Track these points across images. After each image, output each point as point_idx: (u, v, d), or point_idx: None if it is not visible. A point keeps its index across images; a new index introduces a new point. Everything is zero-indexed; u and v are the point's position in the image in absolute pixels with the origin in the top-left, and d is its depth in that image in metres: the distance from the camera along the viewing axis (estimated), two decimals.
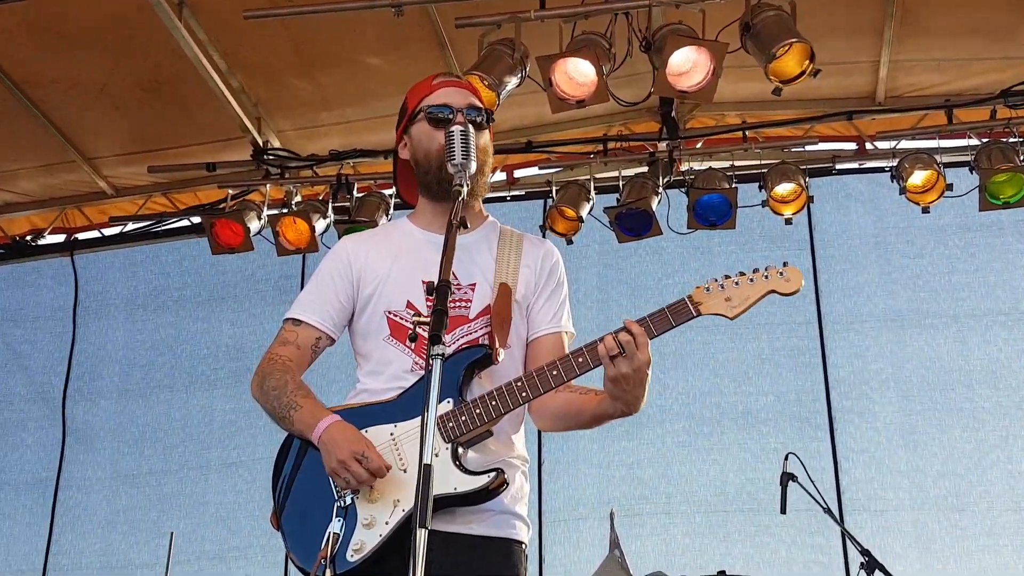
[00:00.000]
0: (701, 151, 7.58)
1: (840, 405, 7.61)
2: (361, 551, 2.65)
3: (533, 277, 2.97)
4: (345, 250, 3.03)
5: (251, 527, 8.11)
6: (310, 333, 2.97)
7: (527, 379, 2.74)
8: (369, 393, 2.88)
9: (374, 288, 2.93)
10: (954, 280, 7.71)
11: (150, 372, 8.60)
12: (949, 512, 7.34)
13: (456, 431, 2.71)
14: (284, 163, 7.70)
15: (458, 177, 2.67)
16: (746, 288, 2.82)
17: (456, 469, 2.69)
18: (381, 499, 2.69)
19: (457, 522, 2.72)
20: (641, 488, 7.72)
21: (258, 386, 2.93)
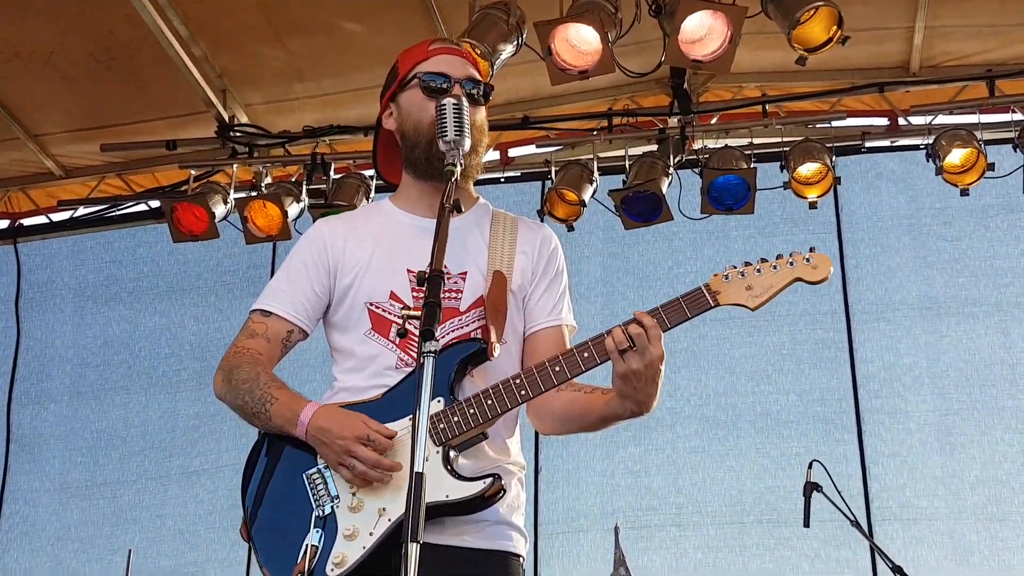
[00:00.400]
0: (716, 127, 7.56)
1: (869, 405, 7.60)
2: (342, 565, 2.62)
3: (530, 265, 2.96)
4: (320, 235, 3.01)
5: (211, 540, 8.12)
6: (280, 326, 2.95)
7: (526, 376, 2.72)
8: (349, 392, 2.85)
9: (353, 277, 2.91)
10: (996, 265, 7.68)
11: (105, 372, 8.57)
12: (989, 522, 7.32)
13: (448, 433, 2.69)
14: (252, 141, 7.67)
15: (451, 156, 2.66)
16: (769, 276, 2.79)
17: (448, 475, 2.67)
18: (364, 508, 2.66)
19: (448, 533, 2.70)
20: (649, 498, 7.72)
21: (224, 380, 2.90)
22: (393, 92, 3.01)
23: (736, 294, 2.77)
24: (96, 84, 7.32)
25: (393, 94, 3.01)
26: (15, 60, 7.09)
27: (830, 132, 7.47)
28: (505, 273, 2.89)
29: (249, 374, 2.86)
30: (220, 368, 2.92)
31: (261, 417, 2.81)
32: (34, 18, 6.74)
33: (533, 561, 7.49)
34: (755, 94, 7.58)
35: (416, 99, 2.93)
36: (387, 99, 3.02)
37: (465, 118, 2.67)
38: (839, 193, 7.76)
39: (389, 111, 3.01)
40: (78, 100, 7.52)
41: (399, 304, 2.82)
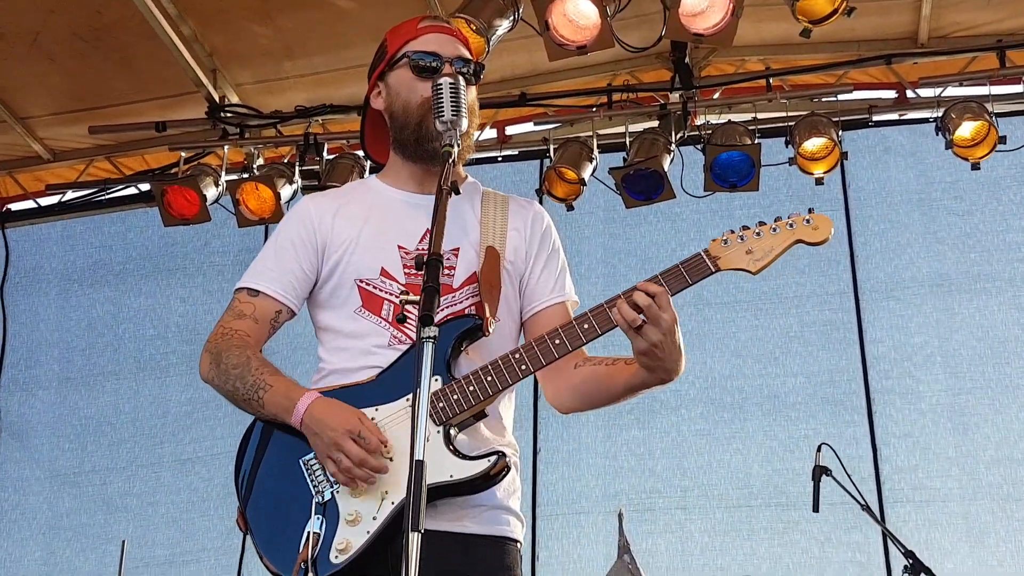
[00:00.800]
0: (719, 102, 7.48)
1: (879, 385, 7.51)
2: (347, 551, 2.59)
3: (524, 243, 2.95)
4: (307, 211, 2.97)
5: (206, 529, 8.10)
6: (269, 305, 2.90)
7: (526, 350, 2.71)
8: (340, 374, 2.82)
9: (342, 254, 2.87)
10: (1009, 239, 7.60)
11: (91, 357, 8.52)
12: (1004, 502, 7.24)
13: (447, 412, 2.66)
14: (244, 121, 7.61)
15: (447, 136, 2.65)
16: (769, 239, 2.78)
17: (451, 454, 2.65)
18: (366, 492, 2.63)
19: (447, 518, 2.68)
20: (653, 480, 7.66)
21: (212, 364, 2.85)
22: (381, 71, 2.98)
23: (737, 259, 2.76)
24: (83, 65, 7.26)
25: (381, 73, 2.98)
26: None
27: (836, 106, 7.39)
28: (498, 248, 2.87)
29: (239, 359, 2.81)
30: (207, 350, 2.88)
31: (253, 404, 2.77)
32: None
33: (531, 543, 7.46)
34: (759, 67, 7.51)
35: (405, 79, 2.90)
36: (375, 78, 3.00)
37: (462, 98, 2.65)
38: (846, 169, 7.68)
39: (377, 90, 2.99)
40: (65, 81, 7.47)
41: (390, 281, 2.80)
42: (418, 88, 2.85)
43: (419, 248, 2.81)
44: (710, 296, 7.81)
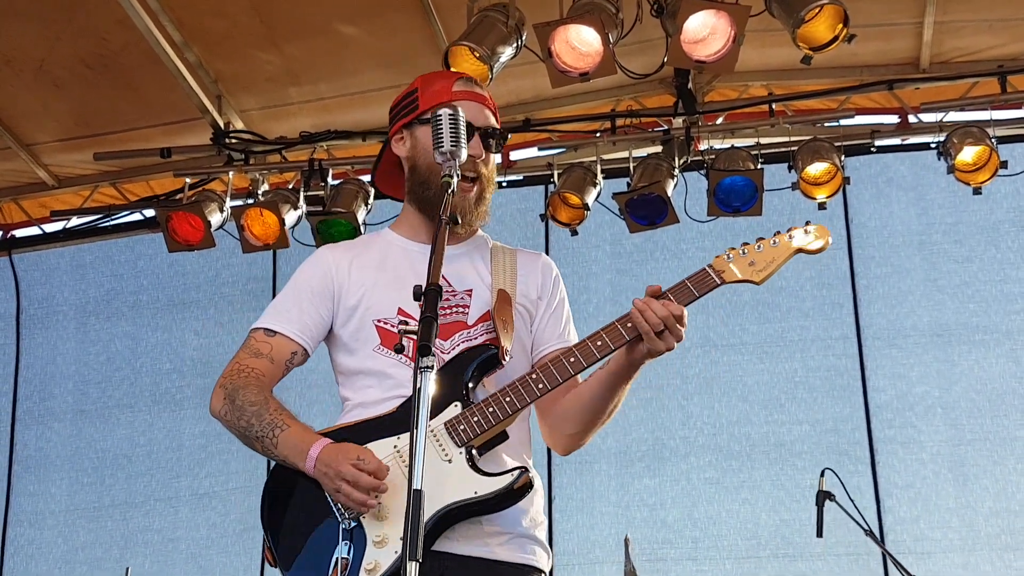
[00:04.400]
0: (722, 127, 7.55)
1: (882, 435, 7.67)
2: (376, 571, 2.69)
3: (535, 289, 3.08)
4: (325, 259, 3.09)
5: (224, 565, 8.16)
6: (286, 346, 3.00)
7: (542, 370, 2.83)
8: (364, 407, 2.92)
9: (359, 298, 2.98)
10: (1007, 290, 7.75)
11: (107, 390, 8.59)
12: (1003, 552, 7.41)
13: (468, 433, 2.77)
14: (248, 147, 7.67)
15: (447, 167, 2.72)
16: (769, 251, 2.97)
17: (474, 472, 2.75)
18: (391, 515, 2.72)
19: (474, 544, 2.77)
20: (665, 531, 7.77)
21: (226, 400, 2.92)
22: (410, 122, 3.07)
23: (740, 271, 2.92)
24: (88, 91, 7.32)
25: (409, 123, 3.08)
26: (5, 68, 7.09)
27: (839, 131, 7.44)
28: (508, 291, 2.99)
29: (257, 397, 2.90)
30: (221, 386, 2.95)
31: (266, 442, 2.84)
32: (24, 24, 6.74)
33: None
34: (761, 93, 7.58)
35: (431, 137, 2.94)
36: (400, 125, 3.09)
37: (462, 130, 2.73)
38: (848, 200, 7.78)
39: (401, 136, 3.09)
40: (70, 108, 7.53)
41: (407, 319, 2.88)
42: None
43: None
44: (716, 338, 7.92)
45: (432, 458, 2.69)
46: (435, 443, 2.75)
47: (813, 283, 8.08)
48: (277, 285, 8.53)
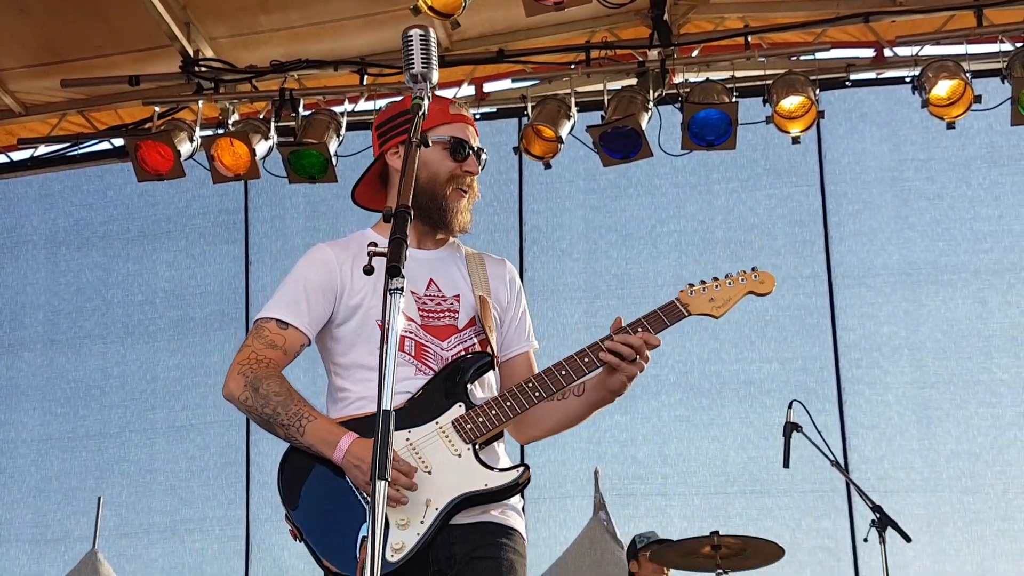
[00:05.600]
0: (697, 60, 7.52)
1: (849, 374, 7.81)
2: (402, 550, 3.00)
3: (504, 296, 3.42)
4: (327, 257, 3.33)
5: (207, 497, 8.26)
6: (297, 339, 3.25)
7: (537, 380, 3.21)
8: (370, 400, 3.16)
9: (361, 299, 3.25)
10: (976, 228, 7.84)
11: (78, 320, 8.61)
12: (962, 494, 7.61)
13: (475, 432, 3.14)
14: (218, 76, 7.61)
15: (418, 90, 2.81)
16: (726, 290, 3.43)
17: (483, 467, 3.13)
18: (411, 499, 3.03)
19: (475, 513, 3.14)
20: (635, 467, 7.90)
21: (247, 387, 3.15)
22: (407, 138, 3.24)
23: (703, 305, 3.39)
24: (55, 17, 7.24)
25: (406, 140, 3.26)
26: None
27: (814, 64, 7.42)
28: (488, 299, 3.34)
29: (280, 388, 3.16)
30: (240, 373, 3.18)
31: (291, 430, 3.10)
32: None
33: None
34: (737, 25, 7.52)
35: (436, 155, 3.29)
36: (397, 141, 3.35)
37: (432, 51, 2.81)
38: (822, 136, 7.81)
39: (396, 151, 3.35)
40: (36, 33, 7.43)
41: (409, 321, 3.20)
42: (447, 166, 3.28)
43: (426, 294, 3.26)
44: (689, 277, 7.93)
45: (443, 451, 3.10)
46: (444, 439, 3.12)
47: (785, 220, 8.13)
48: (249, 216, 8.53)
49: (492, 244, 7.81)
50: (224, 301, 8.49)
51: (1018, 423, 7.62)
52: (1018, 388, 7.64)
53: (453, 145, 3.31)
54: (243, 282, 8.47)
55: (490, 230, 7.89)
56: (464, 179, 3.30)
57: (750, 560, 6.03)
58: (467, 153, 3.32)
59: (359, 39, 7.54)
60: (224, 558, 8.18)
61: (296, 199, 8.48)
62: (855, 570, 7.53)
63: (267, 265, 8.53)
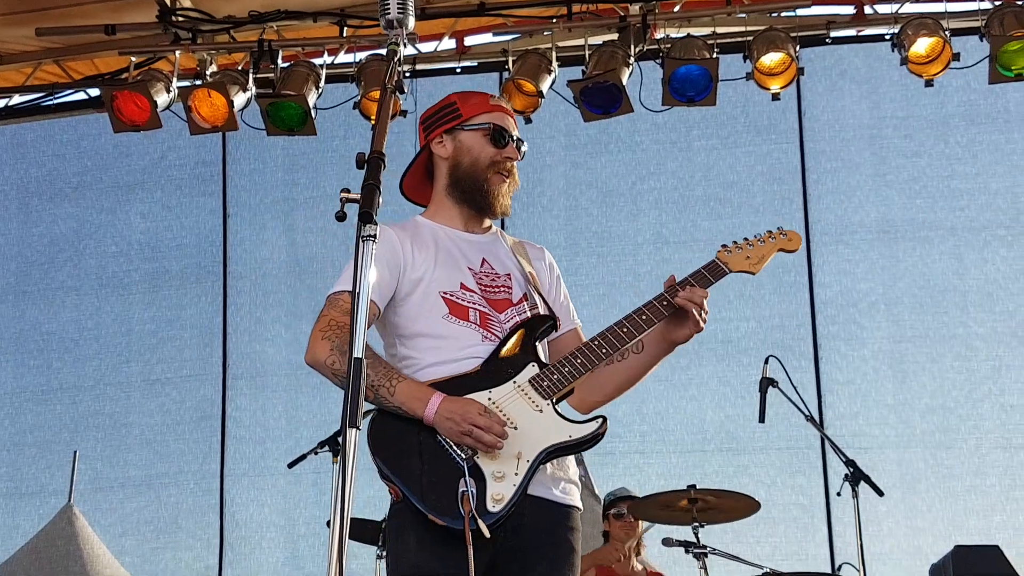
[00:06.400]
0: (679, 15, 7.51)
1: (826, 331, 7.89)
2: (502, 501, 3.15)
3: (546, 279, 3.62)
4: (391, 236, 3.47)
5: (182, 452, 8.26)
6: (372, 309, 3.31)
7: (602, 338, 3.37)
8: (441, 365, 3.33)
9: (423, 272, 3.41)
10: (953, 186, 7.91)
11: (50, 272, 8.56)
12: (936, 450, 7.71)
13: (553, 389, 3.30)
14: (196, 26, 7.57)
15: (393, 35, 2.85)
16: (759, 248, 3.69)
17: (564, 420, 3.29)
18: (502, 454, 3.19)
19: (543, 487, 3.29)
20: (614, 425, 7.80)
21: (336, 351, 3.24)
22: (451, 127, 3.55)
23: (741, 263, 3.64)
24: None
25: (451, 128, 3.55)
26: None
27: (795, 21, 7.43)
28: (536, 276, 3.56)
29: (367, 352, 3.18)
30: (324, 337, 3.29)
31: (380, 391, 3.22)
32: None
33: None
34: None
35: (479, 141, 3.51)
36: (441, 130, 3.55)
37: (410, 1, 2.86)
38: (802, 93, 7.84)
39: (442, 141, 3.55)
40: None
41: (470, 292, 3.39)
42: (489, 152, 3.49)
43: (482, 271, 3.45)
44: (668, 235, 8.04)
45: (526, 408, 3.26)
46: (524, 396, 3.27)
47: (764, 178, 8.17)
48: (227, 169, 8.49)
49: None
50: (201, 254, 8.48)
51: (992, 377, 7.73)
52: (993, 342, 7.74)
53: (494, 132, 3.51)
54: (220, 235, 8.46)
55: None
56: (504, 164, 3.49)
57: (726, 514, 6.08)
58: (507, 140, 3.51)
59: None
60: (199, 512, 8.22)
61: (275, 151, 8.46)
62: (828, 526, 7.64)
63: (245, 218, 8.52)
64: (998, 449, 7.62)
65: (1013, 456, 7.60)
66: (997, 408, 7.69)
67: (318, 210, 8.27)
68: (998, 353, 7.74)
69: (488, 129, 3.51)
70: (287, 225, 8.48)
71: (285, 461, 6.36)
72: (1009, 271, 7.80)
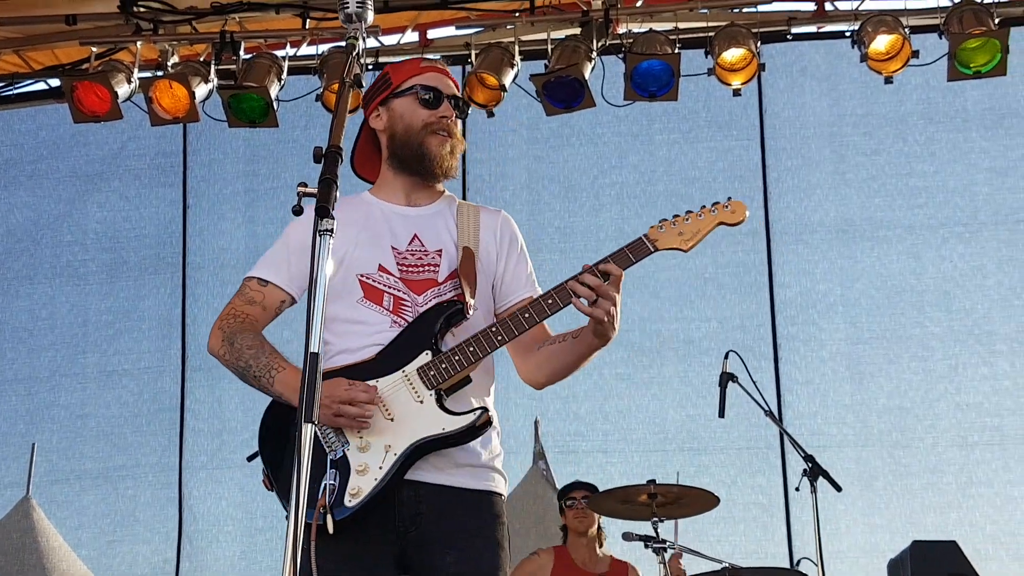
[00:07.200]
0: (641, 11, 7.55)
1: (785, 332, 7.93)
2: (358, 495, 3.07)
3: (495, 245, 3.45)
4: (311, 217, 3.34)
5: (140, 444, 8.19)
6: (277, 295, 3.37)
7: (501, 324, 3.23)
8: (347, 353, 3.25)
9: (344, 254, 3.30)
10: (911, 184, 7.96)
11: (5, 261, 8.48)
12: (893, 448, 7.78)
13: (437, 378, 3.18)
14: (157, 16, 7.53)
15: (352, 29, 2.84)
16: (695, 222, 3.38)
17: (442, 412, 3.17)
18: (372, 446, 3.11)
19: (444, 473, 3.20)
20: (577, 424, 7.98)
21: (225, 342, 3.27)
22: (384, 98, 3.46)
23: (671, 240, 3.35)
24: None
25: (384, 99, 3.46)
26: None
27: (756, 17, 7.47)
28: (472, 248, 3.37)
29: (254, 341, 3.28)
30: (219, 328, 3.31)
31: (263, 380, 3.20)
32: None
33: None
34: None
35: (410, 106, 3.39)
36: (376, 103, 3.47)
37: None
38: (763, 90, 7.87)
39: (377, 114, 3.46)
40: None
41: (387, 275, 3.28)
42: (421, 115, 3.36)
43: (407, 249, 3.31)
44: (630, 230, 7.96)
45: (407, 399, 3.14)
46: (409, 386, 3.16)
47: (726, 175, 8.20)
48: (188, 160, 8.44)
49: None
50: (160, 244, 8.42)
51: (948, 376, 7.80)
52: (949, 341, 7.81)
53: (422, 93, 3.38)
54: (180, 226, 8.40)
55: None
56: (439, 123, 3.35)
57: (686, 509, 6.10)
58: (438, 99, 3.38)
59: None
60: (158, 505, 8.16)
61: (236, 143, 8.41)
62: (787, 525, 7.69)
63: (204, 209, 8.47)
64: (954, 447, 7.70)
65: (968, 454, 7.68)
66: (953, 407, 7.76)
67: (278, 200, 8.24)
68: (954, 352, 7.80)
69: (416, 92, 3.38)
70: (247, 217, 8.44)
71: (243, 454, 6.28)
72: (967, 268, 7.87)
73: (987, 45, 6.91)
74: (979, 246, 7.88)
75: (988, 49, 6.91)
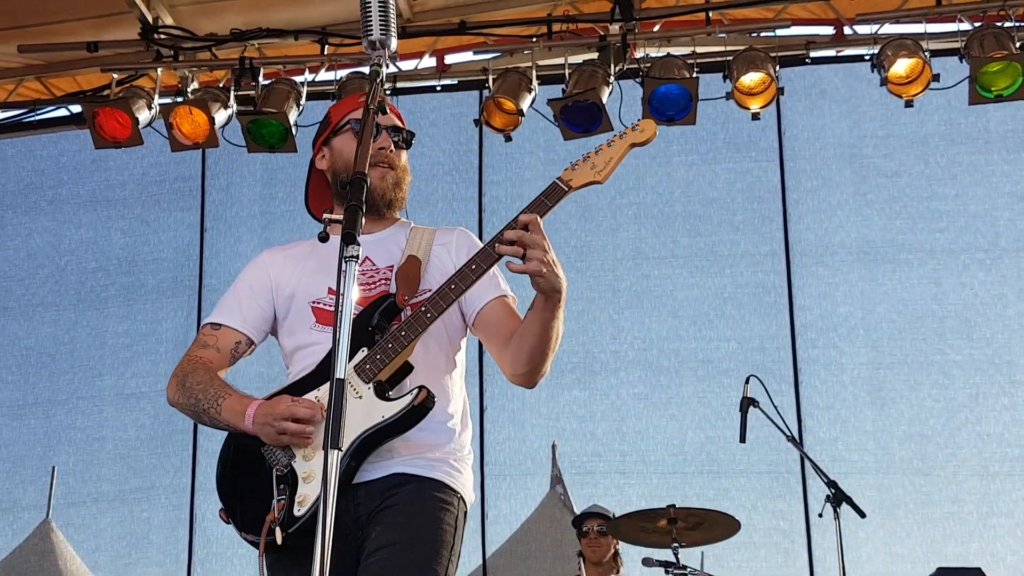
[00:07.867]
0: (658, 35, 7.53)
1: (806, 355, 7.87)
2: (305, 504, 3.03)
3: (450, 256, 3.35)
4: (262, 260, 3.48)
5: (155, 467, 8.20)
6: (231, 336, 3.37)
7: (429, 301, 3.11)
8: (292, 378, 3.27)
9: (295, 286, 3.33)
10: (933, 207, 7.92)
11: (31, 287, 8.51)
12: (914, 476, 7.72)
13: (373, 370, 3.09)
14: (178, 43, 7.56)
15: (376, 56, 2.84)
16: (606, 152, 3.24)
17: (381, 402, 3.07)
18: (316, 456, 3.06)
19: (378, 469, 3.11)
20: (594, 444, 7.93)
21: (178, 385, 3.29)
22: (326, 138, 3.46)
23: (585, 175, 3.22)
24: None
25: (326, 139, 3.46)
26: None
27: (774, 41, 7.45)
28: (420, 257, 3.30)
29: (203, 377, 3.28)
30: (175, 375, 3.32)
31: (211, 412, 3.19)
32: None
33: (480, 501, 7.61)
34: (698, 1, 7.53)
35: (348, 142, 3.36)
36: (320, 144, 3.47)
37: (391, 18, 2.83)
38: (782, 112, 7.85)
39: (322, 154, 3.45)
40: None
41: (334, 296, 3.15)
42: None
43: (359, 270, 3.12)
44: (648, 250, 8.02)
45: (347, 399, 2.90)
46: (348, 386, 3.03)
47: (745, 196, 8.17)
48: (206, 185, 8.47)
49: (452, 214, 7.84)
50: (178, 268, 8.47)
51: (969, 405, 7.73)
52: (970, 370, 7.75)
53: (357, 127, 3.32)
54: (198, 249, 8.43)
55: (449, 200, 7.92)
56: (376, 156, 3.25)
57: (706, 534, 6.04)
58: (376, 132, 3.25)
59: (320, 8, 7.51)
60: (170, 527, 8.18)
61: (253, 167, 8.46)
62: (808, 551, 7.61)
63: (222, 232, 8.50)
64: (975, 477, 7.63)
65: (990, 484, 7.62)
66: (974, 436, 7.70)
67: (294, 223, 8.26)
68: (975, 381, 7.75)
69: (353, 127, 3.35)
70: (263, 239, 8.46)
71: None
72: (987, 296, 7.81)
73: (1008, 69, 6.85)
74: (1000, 274, 7.83)
75: (1009, 73, 6.86)
